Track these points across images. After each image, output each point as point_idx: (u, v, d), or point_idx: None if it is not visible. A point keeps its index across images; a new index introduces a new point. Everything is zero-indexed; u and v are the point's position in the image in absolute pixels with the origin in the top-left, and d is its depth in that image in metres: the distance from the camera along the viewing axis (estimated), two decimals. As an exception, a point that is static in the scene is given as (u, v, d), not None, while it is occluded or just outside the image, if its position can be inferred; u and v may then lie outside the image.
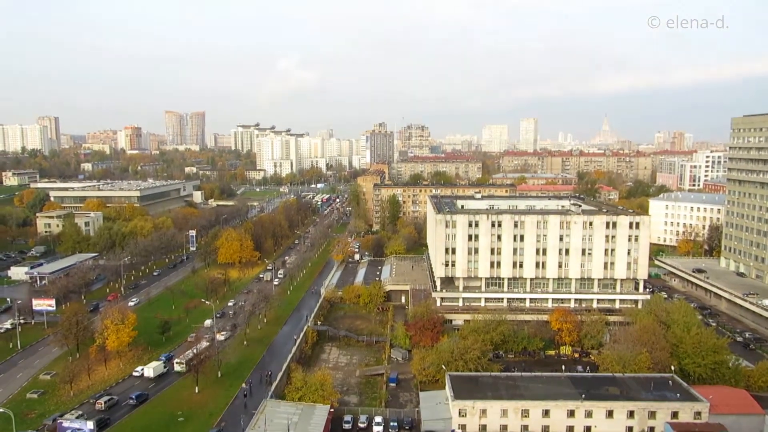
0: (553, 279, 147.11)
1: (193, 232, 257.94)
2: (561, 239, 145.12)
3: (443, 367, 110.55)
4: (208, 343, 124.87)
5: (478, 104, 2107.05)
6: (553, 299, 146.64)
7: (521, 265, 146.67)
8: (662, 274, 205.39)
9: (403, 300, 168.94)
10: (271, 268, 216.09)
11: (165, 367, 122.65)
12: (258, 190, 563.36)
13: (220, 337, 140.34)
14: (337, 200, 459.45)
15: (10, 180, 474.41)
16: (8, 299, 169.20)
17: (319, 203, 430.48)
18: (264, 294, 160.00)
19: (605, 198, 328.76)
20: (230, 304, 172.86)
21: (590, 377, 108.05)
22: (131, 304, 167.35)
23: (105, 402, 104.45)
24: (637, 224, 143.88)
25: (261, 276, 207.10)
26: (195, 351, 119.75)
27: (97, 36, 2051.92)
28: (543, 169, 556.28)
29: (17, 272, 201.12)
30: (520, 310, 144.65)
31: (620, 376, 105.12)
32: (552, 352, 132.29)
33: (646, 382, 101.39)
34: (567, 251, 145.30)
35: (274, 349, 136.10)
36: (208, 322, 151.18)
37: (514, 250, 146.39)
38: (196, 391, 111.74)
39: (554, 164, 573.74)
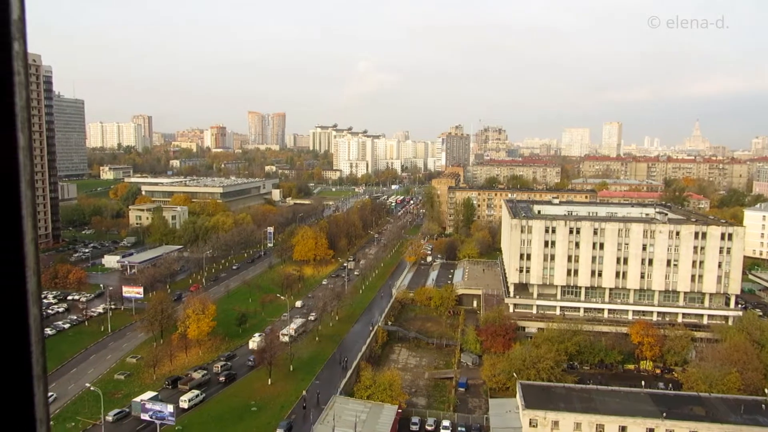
0: (635, 290, 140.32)
1: (270, 229, 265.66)
2: (644, 248, 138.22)
3: (514, 374, 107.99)
4: (304, 319, 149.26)
5: (558, 107, 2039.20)
6: (633, 311, 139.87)
7: (600, 274, 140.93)
8: (757, 290, 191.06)
9: (474, 304, 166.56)
10: (352, 259, 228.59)
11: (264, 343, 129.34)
12: (334, 189, 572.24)
13: (311, 317, 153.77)
14: (411, 202, 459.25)
15: (107, 174, 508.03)
16: (101, 285, 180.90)
17: (393, 204, 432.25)
18: (336, 292, 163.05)
19: (695, 207, 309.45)
20: (324, 282, 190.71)
21: (673, 395, 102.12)
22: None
23: (221, 366, 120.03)
24: (730, 235, 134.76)
25: (345, 265, 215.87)
26: (298, 324, 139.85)
27: (188, 42, 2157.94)
28: (626, 175, 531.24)
29: (110, 260, 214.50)
30: (597, 321, 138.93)
31: (706, 396, 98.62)
32: (631, 367, 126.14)
33: (736, 405, 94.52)
34: (650, 261, 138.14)
35: (345, 347, 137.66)
36: (299, 303, 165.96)
37: (593, 259, 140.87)
38: (269, 382, 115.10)
39: (639, 170, 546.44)
